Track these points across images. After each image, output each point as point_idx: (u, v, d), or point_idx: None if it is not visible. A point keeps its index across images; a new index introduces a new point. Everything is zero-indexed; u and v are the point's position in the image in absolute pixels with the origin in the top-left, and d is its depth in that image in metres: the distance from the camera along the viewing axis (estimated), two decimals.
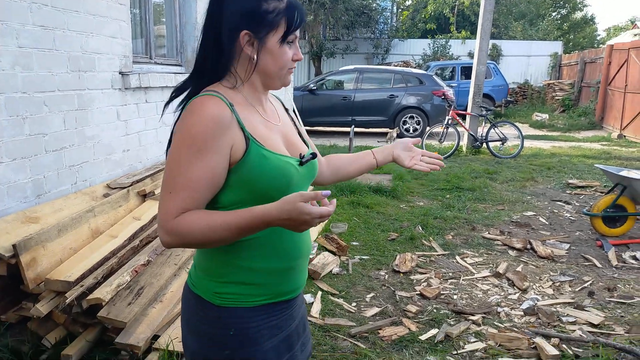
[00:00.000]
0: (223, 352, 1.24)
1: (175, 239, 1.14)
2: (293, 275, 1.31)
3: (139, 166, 3.95)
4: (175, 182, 1.14)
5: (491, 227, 5.10)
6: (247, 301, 1.25)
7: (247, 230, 1.12)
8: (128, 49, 3.76)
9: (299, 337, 1.40)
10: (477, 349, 2.90)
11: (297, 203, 1.07)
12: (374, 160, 1.59)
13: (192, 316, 1.29)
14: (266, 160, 1.18)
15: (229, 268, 1.24)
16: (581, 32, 29.26)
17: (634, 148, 10.42)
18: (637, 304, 3.49)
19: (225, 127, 1.14)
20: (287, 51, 1.23)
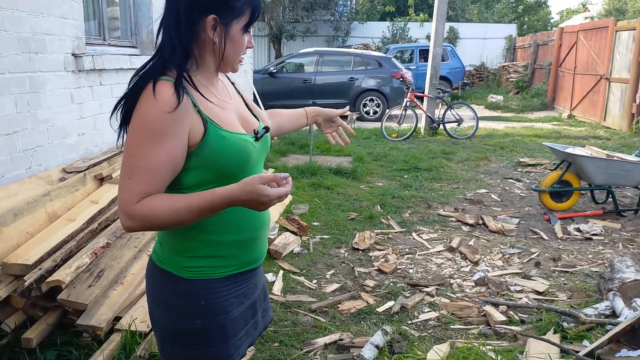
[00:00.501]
0: (194, 322, 1.29)
1: (138, 223, 1.16)
2: (257, 245, 1.38)
3: (95, 150, 3.90)
4: (135, 167, 1.16)
5: (446, 205, 5.30)
6: (215, 273, 1.30)
7: (209, 211, 1.17)
8: (80, 30, 3.68)
9: (261, 304, 1.49)
10: (430, 318, 3.05)
11: (256, 185, 1.12)
12: (306, 121, 1.74)
13: (160, 291, 1.33)
14: (225, 140, 1.22)
15: (196, 243, 1.29)
16: (535, 15, 30.04)
17: (582, 127, 10.90)
18: (578, 272, 3.73)
19: (182, 111, 1.16)
20: (243, 37, 1.27)
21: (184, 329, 1.30)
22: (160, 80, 1.18)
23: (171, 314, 1.31)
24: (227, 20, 1.22)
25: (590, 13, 34.58)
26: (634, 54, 9.69)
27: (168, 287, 1.31)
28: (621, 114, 10.22)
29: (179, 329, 1.31)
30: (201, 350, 1.31)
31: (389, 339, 2.75)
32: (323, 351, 2.72)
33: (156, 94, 1.15)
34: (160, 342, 1.36)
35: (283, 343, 2.78)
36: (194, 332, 1.30)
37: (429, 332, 2.92)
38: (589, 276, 3.66)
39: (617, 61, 10.57)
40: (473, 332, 2.91)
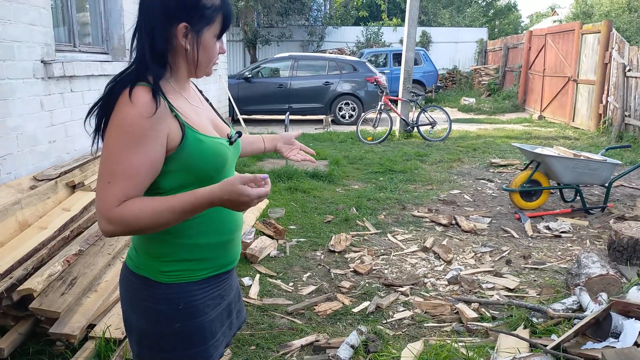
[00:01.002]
0: (174, 325, 1.30)
1: (119, 228, 1.17)
2: (232, 247, 1.41)
3: (67, 157, 3.86)
4: (114, 171, 1.16)
5: (420, 206, 5.38)
6: (192, 276, 1.32)
7: (191, 212, 1.19)
8: (49, 36, 3.64)
9: (236, 304, 1.52)
10: (404, 317, 3.11)
11: (237, 185, 1.15)
12: (263, 146, 1.77)
13: (137, 297, 1.33)
14: (203, 144, 1.25)
15: (173, 247, 1.30)
16: (506, 19, 30.67)
17: (552, 128, 11.18)
18: (548, 269, 3.84)
19: (160, 116, 1.18)
20: (214, 43, 1.30)
21: (164, 333, 1.31)
22: (138, 85, 1.19)
23: (150, 319, 1.32)
24: (198, 27, 1.24)
25: (558, 16, 35.51)
26: (600, 56, 10.00)
27: (145, 292, 1.31)
28: (589, 114, 10.52)
29: (159, 333, 1.32)
30: (181, 352, 1.33)
31: (364, 338, 2.79)
32: (299, 353, 2.75)
33: (134, 99, 1.16)
34: (137, 347, 1.36)
35: (259, 346, 2.80)
36: (174, 335, 1.31)
37: (404, 330, 2.98)
38: (557, 272, 3.77)
39: (583, 63, 10.88)
40: (446, 329, 2.97)
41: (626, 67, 9.09)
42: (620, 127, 9.16)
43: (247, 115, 11.35)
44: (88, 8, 4.74)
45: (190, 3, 1.23)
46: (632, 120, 8.93)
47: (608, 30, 9.84)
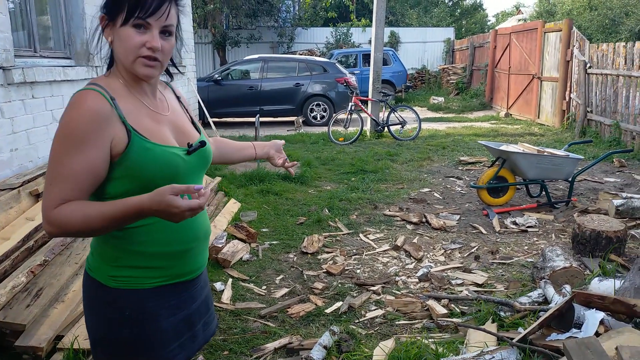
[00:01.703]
0: (122, 331, 1.30)
1: (56, 229, 1.17)
2: (189, 257, 1.37)
3: (30, 165, 3.77)
4: (55, 174, 1.17)
5: (391, 205, 5.45)
6: (142, 283, 1.30)
7: (122, 220, 1.16)
8: (8, 42, 3.55)
9: (201, 317, 1.47)
10: (376, 316, 3.15)
11: (166, 196, 1.10)
12: (254, 153, 1.74)
13: (91, 299, 1.34)
14: (149, 152, 1.23)
15: (122, 252, 1.29)
16: (472, 18, 31.21)
17: (518, 125, 11.44)
18: (515, 263, 3.94)
19: (104, 121, 1.18)
20: (133, 34, 1.20)
21: (112, 338, 1.31)
22: (85, 89, 1.20)
23: (100, 322, 1.32)
24: (112, 15, 1.22)
25: (523, 15, 36.30)
26: (562, 54, 10.28)
27: (97, 296, 1.32)
28: (553, 111, 10.81)
29: (107, 337, 1.31)
30: (127, 357, 1.32)
31: (337, 339, 2.81)
32: (273, 356, 2.75)
33: (78, 104, 1.18)
34: (92, 347, 1.36)
35: (232, 351, 2.79)
36: (121, 341, 1.30)
37: (376, 329, 3.01)
38: (524, 266, 3.87)
39: (547, 61, 11.17)
40: (417, 326, 3.02)
41: (587, 64, 9.38)
42: (583, 123, 9.43)
43: (217, 118, 11.26)
44: (49, 12, 4.63)
45: None
46: (593, 115, 9.21)
47: (569, 29, 10.13)
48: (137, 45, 1.21)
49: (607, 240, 3.82)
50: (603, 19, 19.69)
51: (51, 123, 4.08)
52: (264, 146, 1.76)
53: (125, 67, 1.26)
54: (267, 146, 1.76)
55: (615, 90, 8.57)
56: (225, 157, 1.71)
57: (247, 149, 1.74)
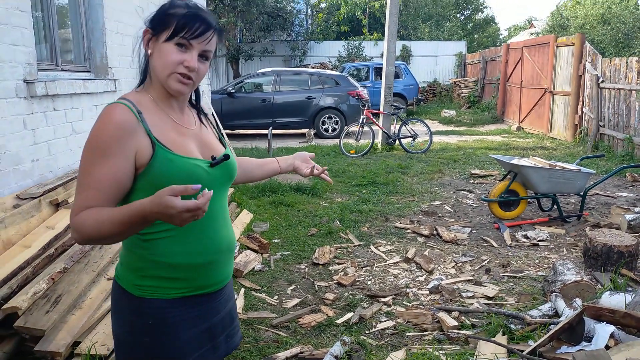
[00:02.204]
0: (143, 339, 1.35)
1: (76, 235, 1.23)
2: (213, 269, 1.40)
3: (50, 176, 3.87)
4: (81, 183, 1.25)
5: (402, 217, 5.48)
6: (165, 293, 1.35)
7: (130, 224, 1.17)
8: (32, 56, 3.67)
9: (225, 329, 1.49)
10: (387, 327, 3.17)
11: (164, 197, 1.10)
12: (278, 167, 1.77)
13: (118, 305, 1.40)
14: (172, 164, 1.28)
15: (147, 263, 1.34)
16: (484, 32, 31.30)
17: (530, 139, 11.43)
18: (526, 277, 3.95)
19: (129, 133, 1.24)
20: (173, 51, 1.28)
21: (134, 344, 1.36)
22: (114, 103, 1.28)
23: (124, 328, 1.38)
24: (157, 30, 1.32)
25: (536, 29, 36.31)
26: (574, 68, 10.29)
27: (122, 303, 1.38)
28: (565, 125, 10.78)
29: (129, 343, 1.37)
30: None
31: (348, 349, 2.85)
32: None
33: (106, 116, 1.25)
34: (116, 351, 1.43)
35: (245, 359, 2.83)
36: (143, 347, 1.35)
37: (386, 340, 3.04)
38: (535, 280, 3.87)
39: (559, 75, 11.18)
40: (427, 338, 3.04)
41: (599, 78, 9.37)
42: (596, 137, 9.40)
43: (230, 130, 11.40)
44: (70, 26, 4.78)
45: (161, 9, 1.33)
46: (606, 130, 9.18)
47: (581, 43, 10.15)
48: (176, 62, 1.29)
49: (618, 254, 3.82)
50: (616, 34, 19.66)
51: (71, 135, 4.19)
52: (287, 159, 1.79)
53: (160, 80, 1.33)
54: (291, 158, 1.79)
55: (628, 104, 8.55)
56: (249, 175, 1.75)
57: (270, 163, 1.77)
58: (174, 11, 1.31)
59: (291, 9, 20.44)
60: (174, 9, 1.32)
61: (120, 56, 5.24)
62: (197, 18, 1.30)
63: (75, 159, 4.27)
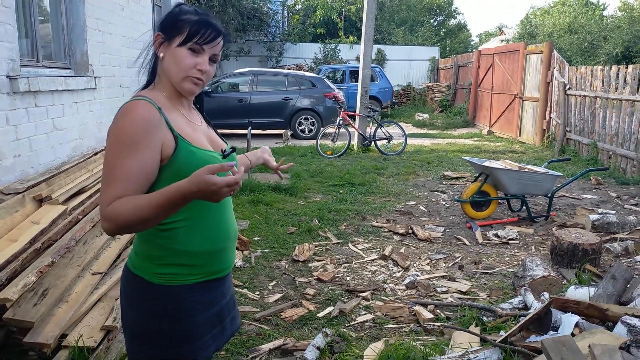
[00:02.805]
0: (162, 324, 1.43)
1: (110, 224, 1.29)
2: (223, 255, 1.51)
3: (32, 171, 3.87)
4: (111, 175, 1.30)
5: (379, 217, 5.63)
6: (183, 280, 1.44)
7: (168, 206, 1.26)
8: (15, 52, 3.68)
9: (229, 312, 1.61)
10: (366, 320, 3.30)
11: (204, 176, 1.20)
12: (249, 162, 1.87)
13: (132, 295, 1.46)
14: (194, 155, 1.38)
15: (166, 251, 1.42)
16: (456, 38, 31.93)
17: (500, 143, 11.78)
18: (497, 273, 4.13)
19: (155, 127, 1.33)
20: (187, 56, 1.39)
21: (152, 330, 1.43)
22: (135, 99, 1.36)
23: (141, 315, 1.44)
24: (169, 35, 1.41)
25: (506, 36, 37.25)
26: (542, 75, 10.67)
27: (140, 291, 1.44)
28: (534, 129, 11.16)
29: (148, 330, 1.44)
30: (167, 349, 1.44)
31: (330, 340, 2.96)
32: (268, 356, 2.88)
33: (131, 112, 1.33)
34: (128, 341, 1.49)
35: (229, 351, 2.91)
36: (161, 332, 1.43)
37: (366, 332, 3.16)
38: (505, 276, 4.06)
39: (528, 82, 11.56)
40: (405, 330, 3.18)
41: (566, 85, 9.76)
42: (562, 142, 9.78)
43: None
44: (50, 23, 4.77)
45: (169, 17, 1.43)
46: (572, 135, 9.56)
47: (549, 51, 10.54)
48: (190, 65, 1.40)
49: (583, 252, 4.04)
50: (582, 42, 20.38)
51: (52, 131, 4.19)
52: (254, 153, 1.90)
53: (173, 81, 1.43)
54: (259, 152, 1.90)
55: (593, 111, 8.93)
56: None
57: (241, 159, 1.86)
58: (185, 17, 1.40)
59: (267, 10, 20.48)
60: (185, 15, 1.41)
61: (100, 54, 5.25)
62: (208, 25, 1.40)
63: (56, 155, 4.28)
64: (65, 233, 3.21)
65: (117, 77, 5.68)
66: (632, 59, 16.95)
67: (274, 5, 21.40)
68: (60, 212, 3.26)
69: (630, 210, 5.90)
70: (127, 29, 6.00)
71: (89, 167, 4.32)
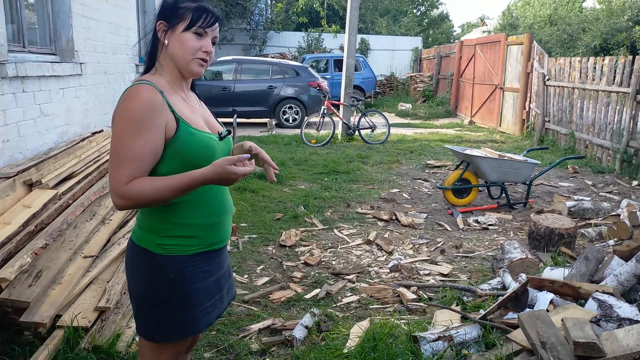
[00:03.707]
0: (165, 292, 1.54)
1: (128, 202, 1.40)
2: (221, 228, 1.64)
3: (20, 157, 3.89)
4: (122, 155, 1.40)
5: (363, 204, 5.75)
6: (184, 250, 1.55)
7: (186, 190, 1.42)
8: (2, 37, 3.67)
9: (226, 282, 1.74)
10: (352, 301, 3.42)
11: (226, 166, 1.39)
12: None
13: (137, 266, 1.57)
14: (193, 137, 1.49)
15: (169, 224, 1.53)
16: (439, 29, 32.15)
17: (480, 132, 11.99)
18: (477, 257, 4.29)
19: (159, 109, 1.43)
20: (193, 39, 1.50)
21: (157, 297, 1.54)
22: (138, 84, 1.45)
23: (146, 284, 1.55)
24: (171, 22, 1.52)
25: (487, 27, 37.62)
26: (522, 66, 10.87)
27: (144, 262, 1.55)
28: (514, 119, 11.39)
29: (152, 297, 1.55)
30: (170, 314, 1.56)
31: (317, 320, 3.07)
32: (258, 335, 2.99)
33: (136, 95, 1.42)
34: (136, 309, 1.60)
35: (220, 331, 3.01)
36: (165, 299, 1.54)
37: (351, 312, 3.29)
38: (485, 259, 4.22)
39: (509, 72, 11.77)
40: (389, 310, 3.31)
41: (545, 76, 9.97)
42: (541, 132, 10.02)
43: None
44: (35, 8, 4.74)
45: (168, 6, 1.53)
46: (551, 125, 9.80)
47: (530, 43, 10.73)
48: (197, 48, 1.51)
49: (559, 236, 4.22)
50: (562, 34, 20.73)
51: (39, 117, 4.20)
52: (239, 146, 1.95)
53: (180, 65, 1.52)
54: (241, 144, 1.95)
55: (571, 101, 9.16)
56: None
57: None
58: (185, 5, 1.51)
59: None
60: (183, 2, 1.51)
61: (85, 40, 5.24)
62: (208, 10, 1.52)
63: (43, 141, 4.29)
64: (57, 217, 3.25)
65: (102, 63, 5.67)
66: (609, 50, 17.32)
67: None
68: (51, 196, 3.30)
69: (604, 197, 6.12)
70: (112, 15, 5.98)
71: (76, 152, 4.34)
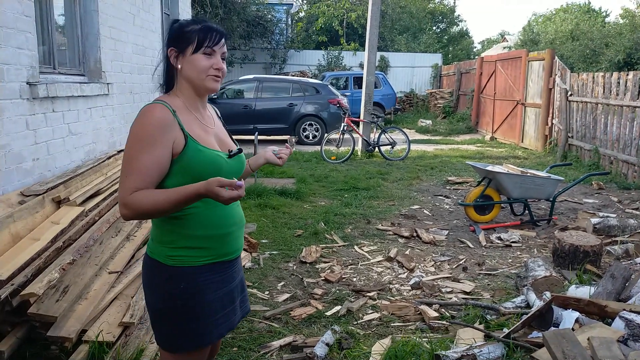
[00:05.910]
0: (176, 302, 1.59)
1: (131, 211, 1.48)
2: (230, 239, 1.68)
3: (49, 174, 4.00)
4: (129, 167, 1.49)
5: (383, 220, 5.74)
6: (194, 261, 1.60)
7: (183, 202, 1.48)
8: (35, 59, 3.82)
9: (239, 294, 1.78)
10: (373, 319, 3.41)
11: (214, 187, 1.42)
12: (249, 168, 2.01)
13: (151, 277, 1.63)
14: (200, 153, 1.57)
15: (177, 236, 1.59)
16: (459, 45, 32.11)
17: (502, 148, 11.89)
18: (500, 274, 4.24)
19: (168, 127, 1.52)
20: (203, 59, 1.58)
21: (169, 308, 1.60)
22: (153, 103, 1.55)
23: (158, 295, 1.61)
24: (181, 47, 1.61)
25: (508, 43, 37.44)
26: (544, 82, 10.79)
27: (156, 273, 1.61)
28: (536, 135, 11.27)
29: (164, 308, 1.60)
30: (183, 325, 1.61)
31: (338, 337, 3.06)
32: (279, 352, 2.99)
33: (149, 113, 1.52)
34: (152, 319, 1.65)
35: (241, 347, 3.02)
36: (177, 310, 1.59)
37: (373, 330, 3.27)
38: (508, 277, 4.16)
39: (530, 88, 11.68)
40: (411, 327, 3.28)
41: (568, 92, 9.87)
42: (565, 148, 9.88)
43: None
44: (65, 31, 4.92)
45: (175, 32, 1.62)
46: (574, 141, 9.67)
47: (551, 58, 10.66)
48: (208, 66, 1.60)
49: (584, 254, 4.14)
50: (584, 49, 20.50)
51: (67, 136, 4.32)
52: (255, 158, 2.01)
53: (196, 84, 1.61)
54: (258, 156, 2.01)
55: (594, 117, 9.04)
56: None
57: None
58: (189, 28, 1.60)
59: (272, 17, 20.69)
60: (188, 27, 1.60)
61: (112, 61, 5.40)
62: (212, 29, 1.61)
63: (71, 159, 4.41)
64: (84, 233, 3.33)
65: (128, 83, 5.83)
66: (633, 65, 17.06)
67: (277, 13, 21.62)
68: (78, 213, 3.38)
69: (631, 214, 6.00)
70: (138, 36, 6.16)
71: (102, 170, 4.45)
